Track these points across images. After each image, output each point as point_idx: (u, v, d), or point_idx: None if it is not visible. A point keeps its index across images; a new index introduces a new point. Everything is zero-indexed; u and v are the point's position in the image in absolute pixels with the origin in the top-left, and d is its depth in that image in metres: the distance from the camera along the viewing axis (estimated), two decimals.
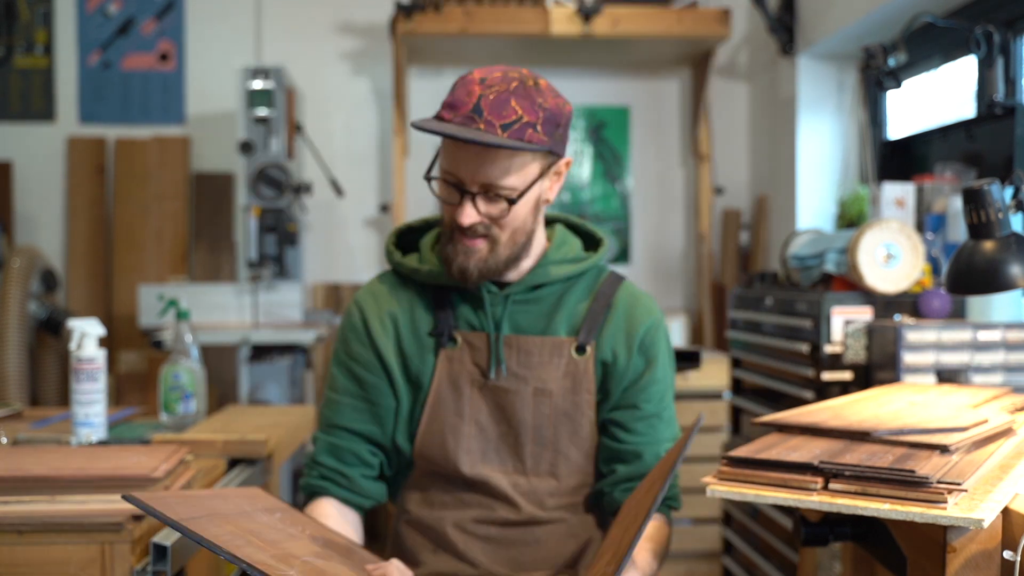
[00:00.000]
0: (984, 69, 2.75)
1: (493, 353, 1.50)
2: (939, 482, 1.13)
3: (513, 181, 1.40)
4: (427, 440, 1.51)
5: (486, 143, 1.35)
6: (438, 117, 1.40)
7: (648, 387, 1.53)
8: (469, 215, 1.41)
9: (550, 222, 1.62)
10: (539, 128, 1.38)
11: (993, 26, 2.54)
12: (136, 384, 4.02)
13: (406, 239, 1.64)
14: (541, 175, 1.44)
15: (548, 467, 1.51)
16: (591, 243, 1.63)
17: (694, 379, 3.51)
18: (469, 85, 1.39)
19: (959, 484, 1.13)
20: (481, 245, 1.45)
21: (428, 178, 1.45)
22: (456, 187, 1.41)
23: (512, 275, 1.53)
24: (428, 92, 4.37)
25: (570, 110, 1.46)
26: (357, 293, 1.60)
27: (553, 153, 1.45)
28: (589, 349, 1.52)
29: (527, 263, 1.53)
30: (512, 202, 1.41)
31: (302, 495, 1.58)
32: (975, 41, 2.49)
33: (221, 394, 4.00)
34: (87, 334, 1.92)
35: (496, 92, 1.37)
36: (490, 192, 1.41)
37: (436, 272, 1.52)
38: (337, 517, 1.51)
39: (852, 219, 3.19)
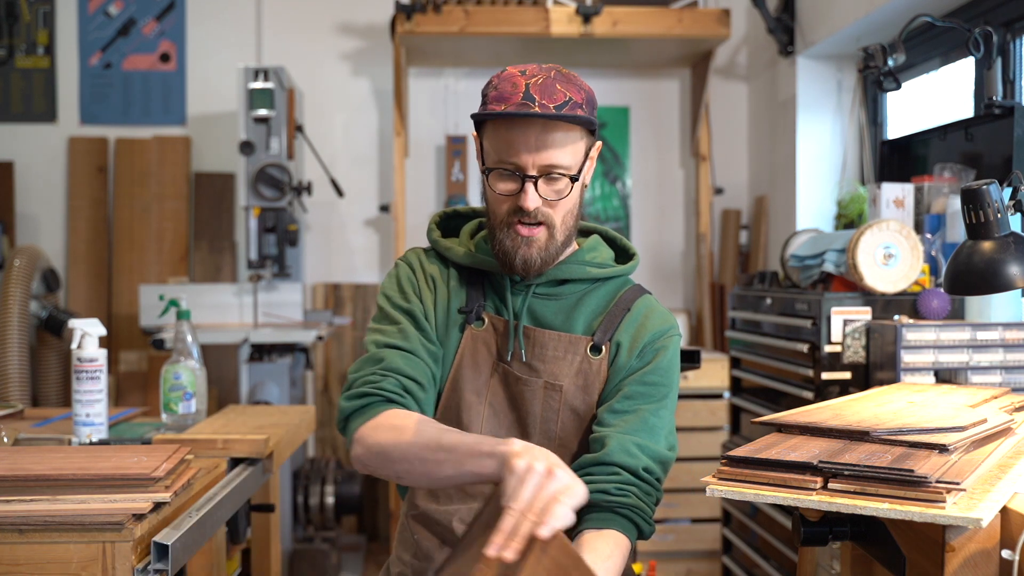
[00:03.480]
0: (983, 69, 2.75)
1: (511, 340, 1.51)
2: (938, 481, 1.14)
3: (569, 160, 1.45)
4: (445, 415, 1.52)
5: (550, 116, 1.40)
6: (487, 111, 1.44)
7: (631, 386, 1.49)
8: (534, 198, 1.44)
9: (589, 232, 1.65)
10: (584, 108, 1.45)
11: (992, 27, 2.55)
12: (137, 384, 4.03)
13: (451, 224, 1.68)
14: (586, 156, 1.49)
15: None
16: (625, 259, 1.64)
17: (694, 379, 3.52)
18: (512, 79, 1.44)
19: (958, 483, 1.14)
20: (540, 233, 1.47)
21: (486, 171, 1.48)
22: (515, 174, 1.45)
23: None
24: (428, 92, 4.38)
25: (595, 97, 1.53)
26: (405, 253, 1.64)
27: (593, 134, 1.50)
28: (604, 350, 1.52)
29: None
30: (574, 179, 1.46)
31: (353, 408, 1.43)
32: (974, 42, 2.49)
33: (221, 394, 4.00)
34: (88, 334, 1.92)
35: (541, 79, 1.43)
36: (551, 173, 1.44)
37: (471, 255, 1.56)
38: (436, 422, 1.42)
39: (851, 219, 3.20)
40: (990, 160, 2.71)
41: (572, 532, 1.41)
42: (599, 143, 1.54)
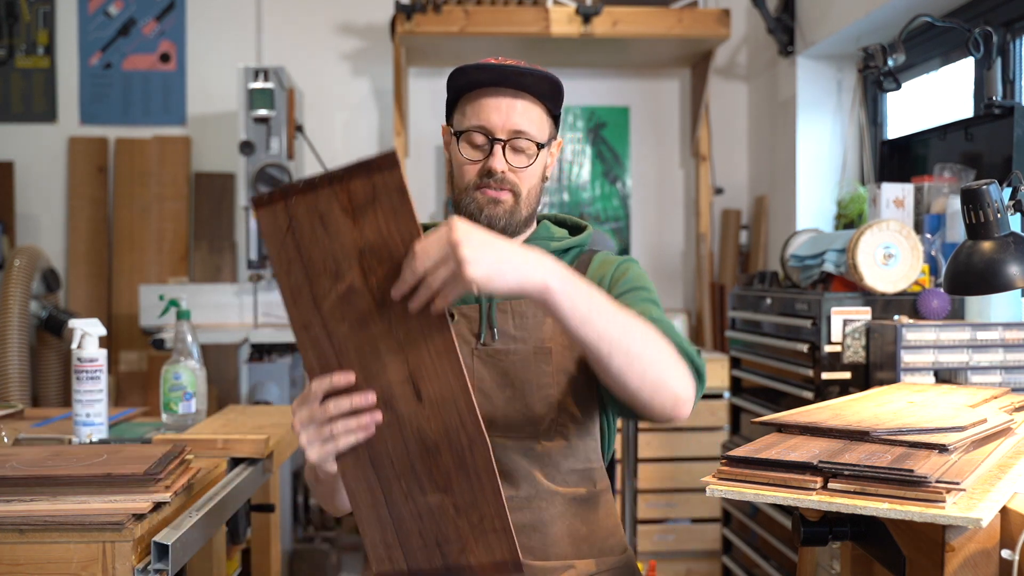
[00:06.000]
0: (982, 69, 2.75)
1: (484, 319, 1.52)
2: (938, 481, 1.14)
3: (536, 132, 1.52)
4: None
5: (520, 67, 1.48)
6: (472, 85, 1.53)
7: (618, 282, 1.54)
8: (501, 160, 1.51)
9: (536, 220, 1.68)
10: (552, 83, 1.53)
11: (992, 27, 2.55)
12: (137, 384, 4.02)
13: None
14: (549, 141, 1.56)
15: (559, 428, 1.51)
16: (577, 233, 1.68)
17: None
18: (491, 63, 1.52)
19: (958, 483, 1.14)
20: (507, 196, 1.53)
21: (457, 133, 1.54)
22: (486, 138, 1.51)
23: None
24: (428, 92, 4.37)
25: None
26: None
27: (555, 118, 1.57)
28: None
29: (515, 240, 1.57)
30: (541, 146, 1.52)
31: None
32: (974, 42, 2.49)
33: (221, 394, 4.00)
34: (88, 334, 1.92)
35: (515, 61, 1.53)
36: (519, 139, 1.51)
37: None
38: None
39: (851, 219, 3.20)
40: (990, 160, 2.71)
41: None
42: (560, 140, 1.61)
